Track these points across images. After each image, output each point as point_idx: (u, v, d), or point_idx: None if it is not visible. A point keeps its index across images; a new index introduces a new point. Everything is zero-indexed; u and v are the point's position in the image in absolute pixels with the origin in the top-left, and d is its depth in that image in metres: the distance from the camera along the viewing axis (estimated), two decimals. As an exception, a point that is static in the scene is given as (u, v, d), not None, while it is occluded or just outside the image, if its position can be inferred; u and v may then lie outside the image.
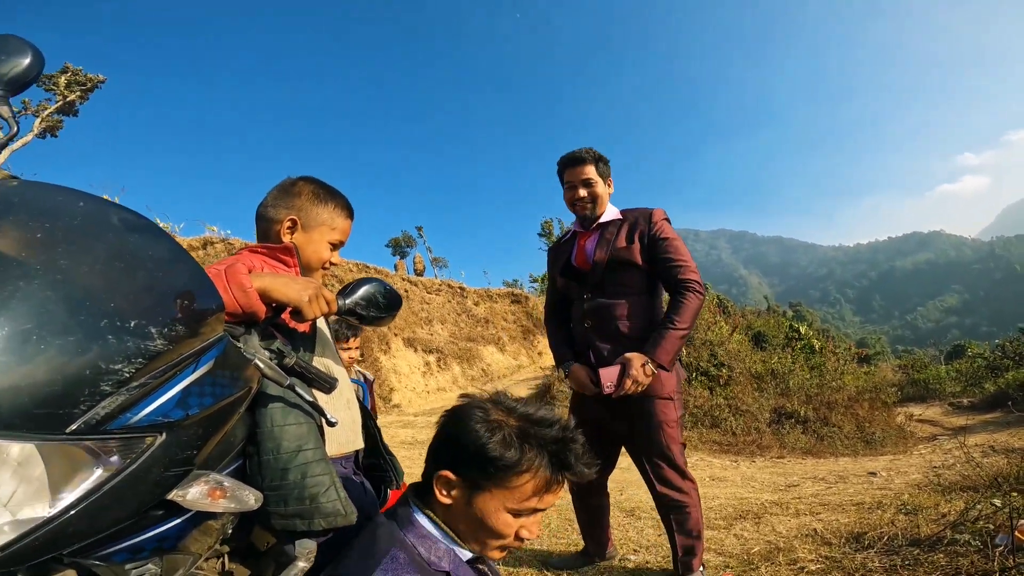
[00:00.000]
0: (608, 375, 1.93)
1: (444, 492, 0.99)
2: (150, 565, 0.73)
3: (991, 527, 1.87)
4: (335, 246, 1.37)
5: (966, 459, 3.59)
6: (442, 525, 0.98)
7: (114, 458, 0.62)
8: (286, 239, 1.30)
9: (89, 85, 20.53)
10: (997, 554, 1.62)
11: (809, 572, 2.03)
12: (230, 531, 0.97)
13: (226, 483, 0.79)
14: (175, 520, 0.75)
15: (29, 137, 19.15)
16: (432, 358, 13.40)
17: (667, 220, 2.11)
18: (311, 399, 1.05)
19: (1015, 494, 2.04)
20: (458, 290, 17.56)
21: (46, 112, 19.62)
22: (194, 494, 0.73)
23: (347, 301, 1.15)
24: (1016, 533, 1.63)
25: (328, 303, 1.10)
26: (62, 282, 0.60)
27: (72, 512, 0.58)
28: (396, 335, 13.22)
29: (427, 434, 7.82)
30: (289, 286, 1.06)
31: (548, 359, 15.84)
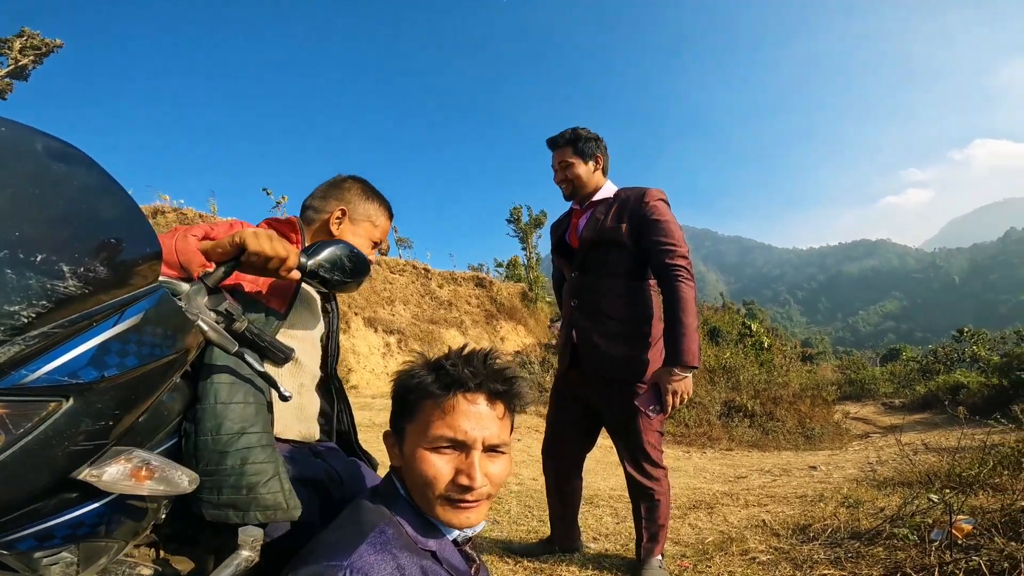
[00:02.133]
0: (645, 401, 1.88)
1: (393, 454, 0.95)
2: (64, 553, 0.63)
3: (928, 522, 2.00)
4: (375, 244, 1.43)
5: (901, 456, 3.84)
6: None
7: (5, 424, 0.52)
8: (334, 229, 1.35)
9: (45, 50, 19.74)
10: (934, 548, 1.73)
11: (760, 563, 2.11)
12: (163, 516, 0.87)
13: (154, 462, 0.68)
14: (92, 504, 0.65)
15: None
16: (393, 339, 13.22)
17: (663, 201, 2.03)
18: (261, 370, 0.94)
19: (948, 491, 2.19)
20: (422, 271, 17.34)
21: None
22: (112, 474, 0.63)
23: (309, 261, 1.03)
24: (952, 529, 1.74)
25: (284, 248, 0.97)
26: None
27: None
28: (356, 314, 12.95)
29: (384, 416, 7.63)
30: (221, 240, 0.96)
31: (510, 345, 15.91)
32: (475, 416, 0.88)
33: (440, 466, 0.86)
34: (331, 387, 1.38)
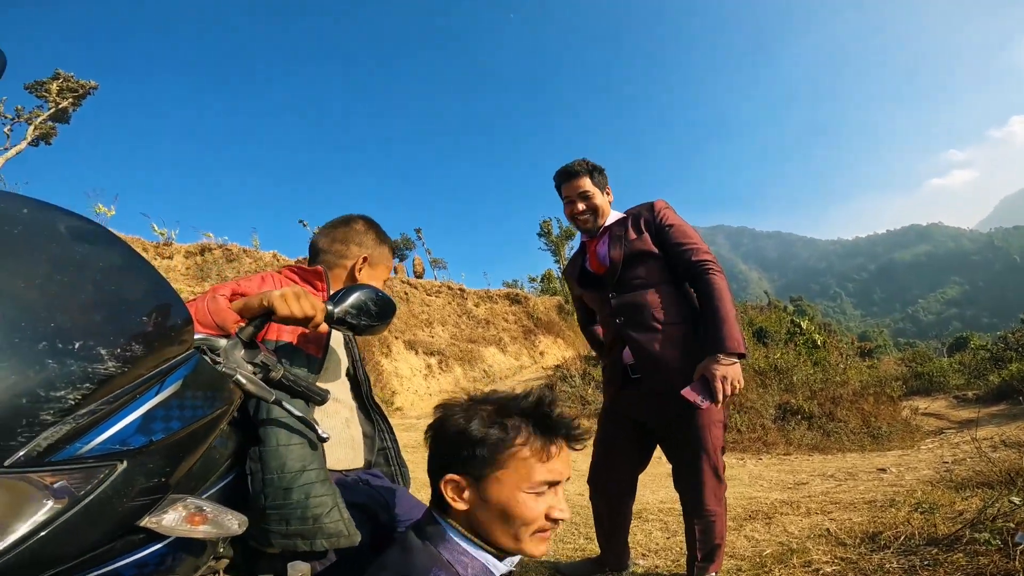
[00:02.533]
0: (692, 393, 1.77)
1: (456, 497, 0.95)
2: None
3: (1011, 525, 1.82)
4: (385, 281, 1.53)
5: (978, 454, 3.54)
6: (472, 537, 0.94)
7: (67, 489, 0.57)
8: (357, 274, 1.44)
9: (81, 92, 20.34)
10: (1018, 553, 1.57)
11: (824, 574, 1.98)
12: (221, 548, 0.94)
13: (206, 508, 0.75)
14: (155, 545, 0.71)
15: (22, 145, 19.01)
16: (434, 360, 13.36)
17: (669, 207, 2.07)
18: (299, 414, 1.02)
19: (1035, 491, 1.99)
20: (458, 292, 17.53)
21: (39, 119, 19.49)
22: (170, 520, 0.69)
23: (336, 309, 1.10)
24: (1040, 532, 1.58)
25: (311, 306, 1.05)
26: None
27: (25, 545, 0.54)
28: (397, 338, 13.17)
29: (430, 437, 7.76)
30: (249, 298, 1.05)
31: (550, 359, 15.79)
32: (565, 458, 0.99)
33: (539, 506, 0.94)
34: (369, 411, 1.47)
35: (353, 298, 1.11)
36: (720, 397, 1.73)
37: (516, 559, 0.98)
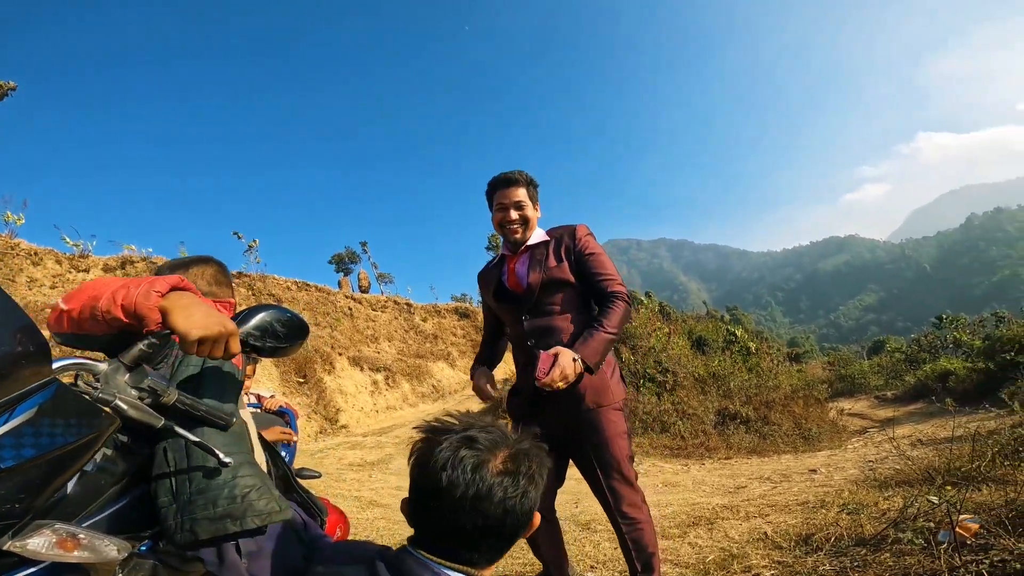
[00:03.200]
0: (545, 362, 1.82)
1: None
2: None
3: (931, 524, 1.92)
4: None
5: (897, 453, 3.78)
6: (444, 562, 0.86)
7: None
8: None
9: None
10: (942, 552, 1.65)
11: (764, 579, 2.01)
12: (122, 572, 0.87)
13: (80, 534, 0.74)
14: (29, 569, 0.71)
15: None
16: (380, 376, 12.97)
17: (591, 235, 2.12)
18: (195, 439, 0.94)
19: (948, 488, 2.12)
20: (405, 306, 17.19)
21: None
22: (36, 544, 0.69)
23: (239, 330, 1.00)
24: (957, 529, 1.67)
25: (227, 350, 0.95)
26: None
27: None
28: (341, 354, 12.70)
29: (376, 455, 7.49)
30: (205, 318, 0.93)
31: (499, 372, 15.72)
32: None
33: None
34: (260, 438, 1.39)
35: (257, 319, 1.04)
36: (543, 377, 1.78)
37: None
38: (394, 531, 3.76)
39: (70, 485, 0.80)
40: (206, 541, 0.93)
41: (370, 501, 4.88)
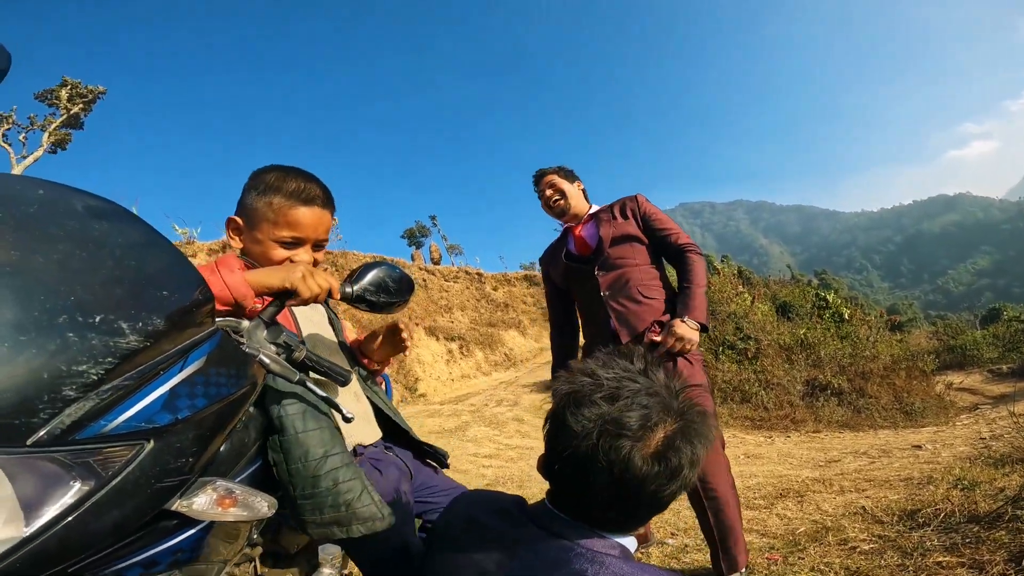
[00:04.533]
0: (650, 335, 2.03)
1: None
2: None
3: (1059, 502, 1.77)
4: (289, 244, 1.17)
5: (1016, 429, 3.44)
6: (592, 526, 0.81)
7: (94, 470, 0.55)
8: (234, 243, 1.20)
9: (90, 97, 20.37)
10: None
11: (862, 552, 1.95)
12: (255, 535, 0.93)
13: (236, 491, 0.73)
14: (189, 531, 0.69)
15: (39, 152, 19.26)
16: (454, 345, 13.46)
17: (650, 201, 2.30)
18: (323, 395, 0.99)
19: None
20: (475, 276, 17.57)
21: (52, 126, 19.62)
22: (201, 503, 0.68)
23: (355, 288, 1.06)
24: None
25: (326, 282, 1.01)
26: (11, 274, 0.53)
27: (53, 530, 0.52)
28: (417, 324, 13.29)
29: (453, 422, 7.84)
30: (277, 271, 1.00)
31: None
32: None
33: None
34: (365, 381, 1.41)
35: (371, 275, 1.08)
36: (663, 348, 1.95)
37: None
38: None
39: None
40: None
41: (450, 467, 5.16)
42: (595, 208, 2.35)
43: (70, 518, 0.53)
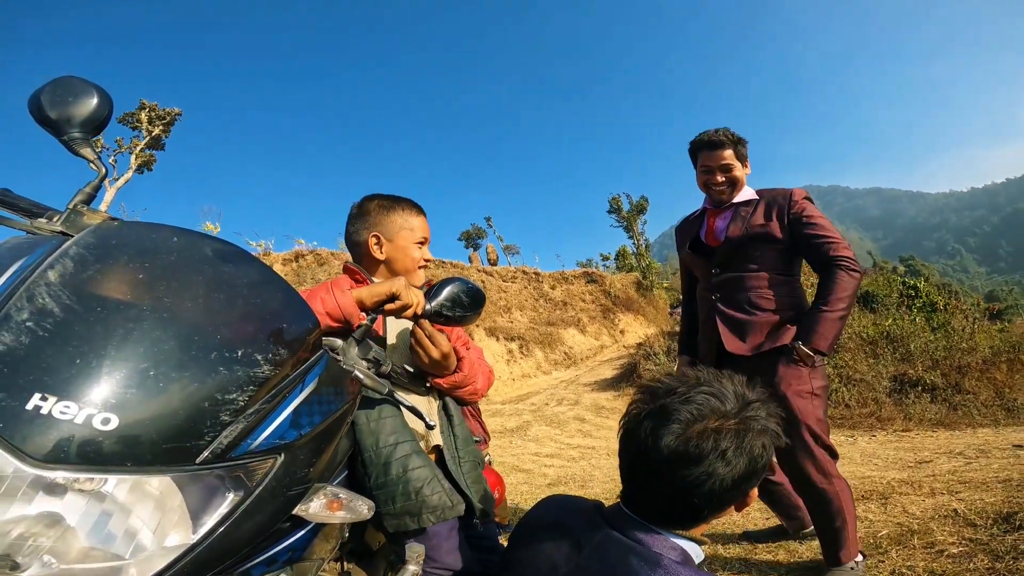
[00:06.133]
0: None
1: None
2: (282, 574, 0.77)
3: None
4: (421, 244, 1.44)
5: None
6: (661, 529, 0.88)
7: (243, 482, 0.65)
8: (376, 254, 1.40)
9: (168, 119, 21.34)
10: None
11: (950, 556, 1.83)
12: (347, 534, 1.01)
13: (342, 495, 0.81)
14: (300, 531, 0.78)
15: (129, 174, 20.45)
16: (514, 345, 13.60)
17: (809, 199, 2.01)
18: (410, 404, 1.07)
19: None
20: (533, 276, 17.64)
21: (138, 148, 20.70)
22: (315, 507, 0.76)
23: (432, 303, 1.15)
24: None
25: (417, 297, 1.12)
26: (169, 320, 0.63)
27: (214, 535, 0.61)
28: (477, 325, 13.54)
29: (514, 422, 7.94)
30: (378, 286, 1.12)
31: (630, 337, 15.48)
32: None
33: None
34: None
35: (447, 291, 1.15)
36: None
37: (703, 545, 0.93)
38: (536, 495, 3.92)
39: None
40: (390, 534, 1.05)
41: (513, 466, 5.14)
42: (744, 194, 2.07)
43: (226, 525, 0.62)
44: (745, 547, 2.39)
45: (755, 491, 0.88)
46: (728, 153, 2.02)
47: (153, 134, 21.14)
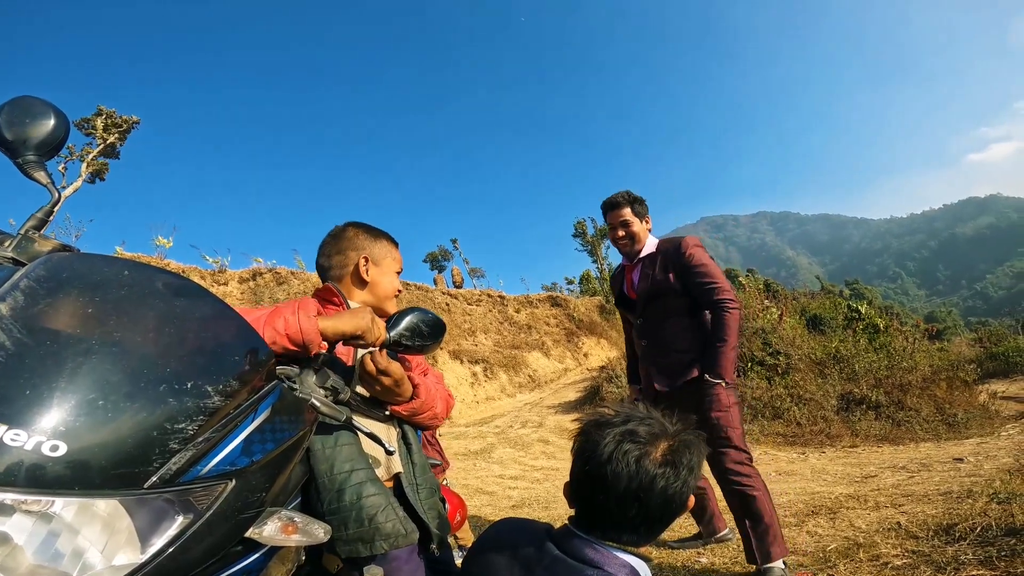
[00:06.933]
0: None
1: None
2: None
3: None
4: (398, 273, 1.53)
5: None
6: (611, 543, 0.93)
7: (192, 506, 0.67)
8: (365, 276, 1.45)
9: (125, 127, 20.43)
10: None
11: (894, 568, 1.90)
12: (303, 558, 0.99)
13: (296, 518, 0.82)
14: (255, 555, 0.79)
15: (79, 183, 19.36)
16: (479, 368, 13.49)
17: (698, 247, 2.34)
18: (368, 431, 1.07)
19: None
20: (498, 299, 17.65)
21: (90, 156, 19.67)
22: (269, 531, 0.77)
23: (392, 333, 1.15)
24: None
25: (379, 329, 1.12)
26: (119, 354, 0.66)
27: (163, 556, 0.63)
28: (442, 348, 13.38)
29: (478, 444, 7.84)
30: (349, 318, 1.10)
31: (594, 360, 15.63)
32: None
33: None
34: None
35: (406, 321, 1.17)
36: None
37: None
38: (499, 517, 3.94)
39: None
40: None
41: (476, 489, 5.11)
42: (649, 246, 2.42)
43: (175, 547, 0.64)
44: (665, 552, 2.60)
45: (693, 499, 0.96)
46: (626, 211, 2.38)
47: (108, 142, 20.16)
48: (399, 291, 1.52)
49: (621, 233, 2.41)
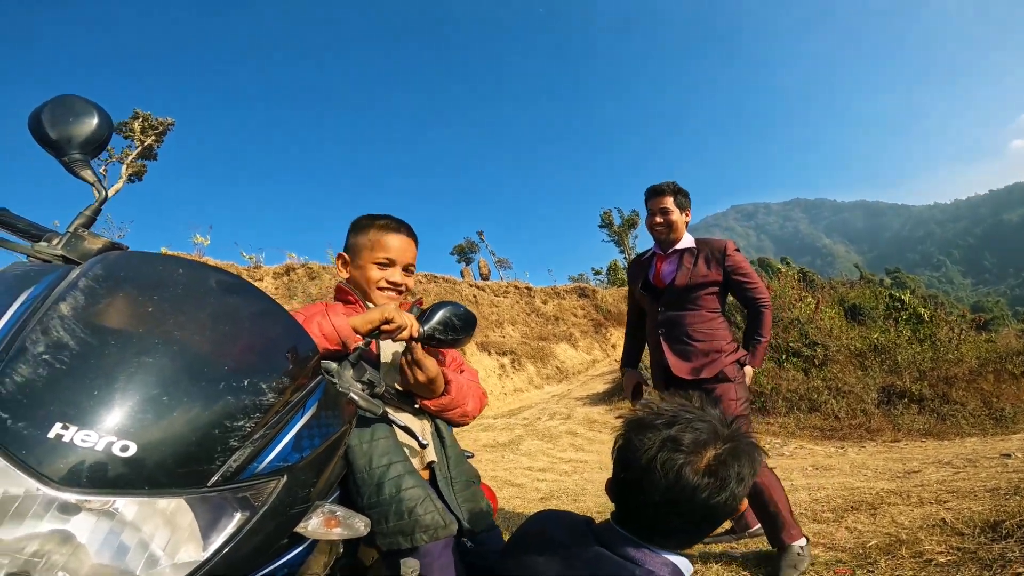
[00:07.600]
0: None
1: None
2: None
3: None
4: (383, 264, 1.39)
5: None
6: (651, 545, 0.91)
7: (249, 503, 0.68)
8: (343, 274, 1.44)
9: (161, 129, 21.27)
10: None
11: (939, 565, 1.84)
12: (341, 551, 1.02)
13: (339, 512, 0.83)
14: (298, 548, 0.80)
15: (120, 184, 20.32)
16: (506, 360, 13.56)
17: (739, 252, 2.48)
18: (404, 424, 1.10)
19: None
20: (525, 290, 17.66)
21: (129, 158, 20.55)
22: (314, 525, 0.78)
23: (425, 327, 1.17)
24: None
25: (409, 320, 1.15)
26: (179, 352, 0.67)
27: (222, 553, 0.64)
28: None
29: (506, 436, 7.89)
30: (370, 313, 1.14)
31: (621, 351, 15.48)
32: None
33: None
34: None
35: (439, 315, 1.19)
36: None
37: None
38: (529, 509, 3.92)
39: None
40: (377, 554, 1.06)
41: (505, 480, 5.13)
42: (686, 242, 2.49)
43: (231, 544, 0.66)
44: (697, 546, 2.57)
45: (745, 503, 0.92)
46: (669, 200, 2.44)
47: (145, 144, 20.96)
48: (391, 285, 1.40)
49: (659, 220, 2.46)
